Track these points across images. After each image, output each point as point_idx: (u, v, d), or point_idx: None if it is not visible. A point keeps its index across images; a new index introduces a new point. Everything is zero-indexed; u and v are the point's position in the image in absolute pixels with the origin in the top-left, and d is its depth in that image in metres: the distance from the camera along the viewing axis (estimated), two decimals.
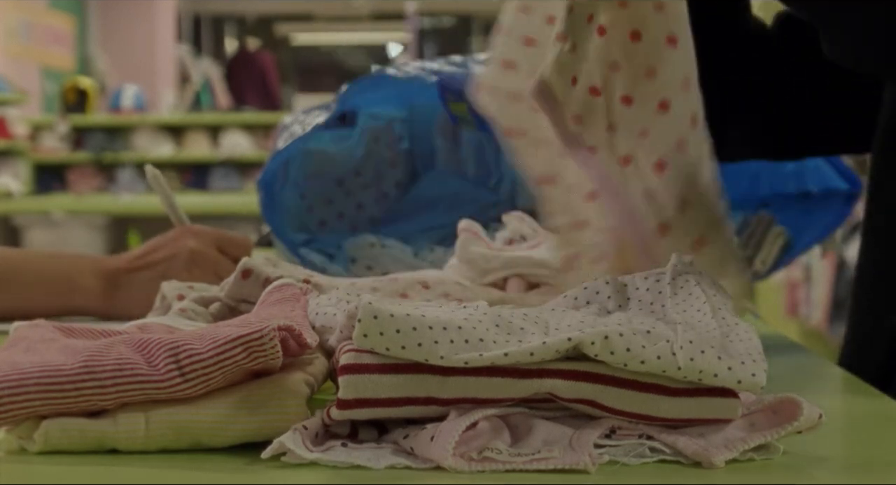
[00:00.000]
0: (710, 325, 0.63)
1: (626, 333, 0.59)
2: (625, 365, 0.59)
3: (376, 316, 0.58)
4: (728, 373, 0.60)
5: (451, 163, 1.33)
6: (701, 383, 0.60)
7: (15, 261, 1.18)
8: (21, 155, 7.69)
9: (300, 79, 14.00)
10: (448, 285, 0.92)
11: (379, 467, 0.58)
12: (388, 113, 1.34)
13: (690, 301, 0.66)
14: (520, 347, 0.58)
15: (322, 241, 1.26)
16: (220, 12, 13.53)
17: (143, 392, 0.60)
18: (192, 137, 8.13)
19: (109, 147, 8.03)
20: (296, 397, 0.61)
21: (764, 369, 0.60)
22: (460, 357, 0.58)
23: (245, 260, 0.83)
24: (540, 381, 0.59)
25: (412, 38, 10.59)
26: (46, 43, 8.96)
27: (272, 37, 13.72)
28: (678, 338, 0.60)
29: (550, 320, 0.62)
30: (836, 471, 0.60)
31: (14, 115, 7.59)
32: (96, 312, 1.16)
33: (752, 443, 0.60)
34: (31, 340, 0.65)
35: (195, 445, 0.61)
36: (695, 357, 0.59)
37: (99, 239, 6.66)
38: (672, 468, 0.59)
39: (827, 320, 4.49)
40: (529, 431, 0.60)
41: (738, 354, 0.61)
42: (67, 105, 8.28)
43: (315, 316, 0.70)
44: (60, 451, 0.60)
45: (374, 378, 0.58)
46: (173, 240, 1.18)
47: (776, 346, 1.02)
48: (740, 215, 1.17)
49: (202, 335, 0.61)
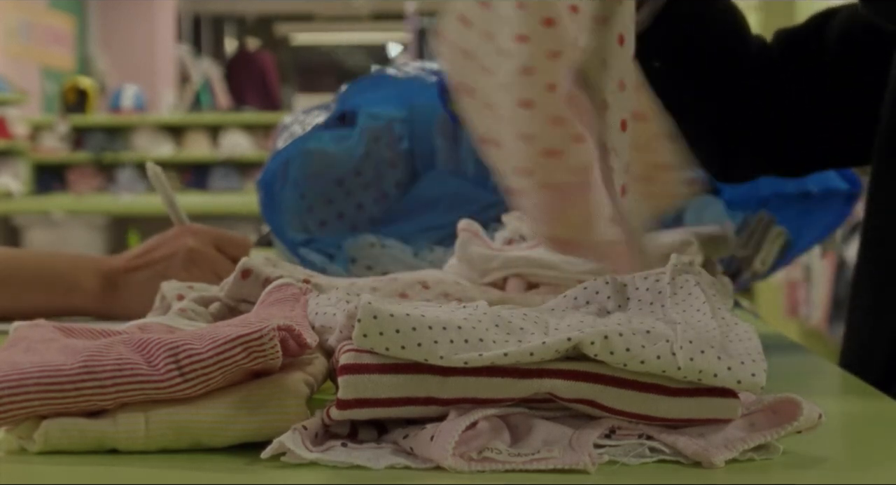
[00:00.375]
0: (710, 325, 0.63)
1: (625, 333, 0.59)
2: (624, 365, 0.59)
3: (376, 316, 0.58)
4: (728, 373, 0.60)
5: (451, 163, 1.33)
6: (700, 383, 0.60)
7: (13, 261, 1.18)
8: (21, 155, 7.69)
9: (300, 79, 14.00)
10: (447, 285, 0.92)
11: (379, 467, 0.58)
12: (388, 113, 1.34)
13: (690, 301, 0.66)
14: (519, 348, 0.58)
15: (322, 241, 1.26)
16: (220, 12, 13.52)
17: (142, 392, 0.60)
18: (192, 136, 8.13)
19: (109, 147, 8.03)
20: (296, 397, 0.61)
21: (764, 369, 0.60)
22: (460, 357, 0.58)
23: (245, 260, 0.83)
24: (540, 381, 0.59)
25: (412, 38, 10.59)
26: (46, 43, 8.96)
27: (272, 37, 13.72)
28: (678, 338, 0.60)
29: (550, 320, 0.62)
30: (836, 471, 0.60)
31: (14, 115, 7.58)
32: (95, 311, 1.16)
33: (752, 443, 0.60)
34: (31, 340, 0.65)
35: (195, 445, 0.61)
36: (694, 357, 0.59)
37: (99, 239, 6.66)
38: (672, 468, 0.59)
39: (827, 320, 4.49)
40: (529, 431, 0.60)
41: (737, 354, 0.61)
42: (67, 105, 8.27)
43: (315, 316, 0.70)
44: (60, 451, 0.60)
45: (374, 378, 0.58)
46: (172, 239, 1.18)
47: (776, 346, 1.02)
48: (740, 215, 1.17)
49: (202, 335, 0.61)
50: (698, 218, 1.18)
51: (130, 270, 1.17)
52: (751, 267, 1.11)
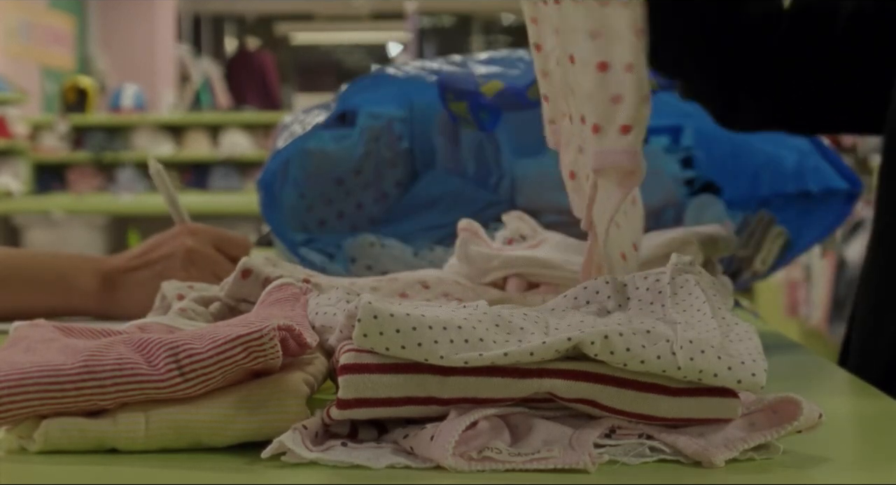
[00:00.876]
0: (710, 324, 0.63)
1: (625, 332, 0.59)
2: (624, 365, 0.59)
3: (376, 316, 0.58)
4: (728, 373, 0.60)
5: (451, 162, 1.33)
6: (701, 383, 0.60)
7: (12, 261, 1.18)
8: (21, 155, 7.69)
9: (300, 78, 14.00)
10: (448, 285, 0.92)
11: (379, 467, 0.58)
12: (388, 112, 1.34)
13: (690, 301, 0.66)
14: (520, 347, 0.58)
15: (322, 240, 1.26)
16: (220, 12, 13.52)
17: (142, 392, 0.60)
18: (192, 136, 8.13)
19: (109, 147, 8.03)
20: (296, 397, 0.61)
21: (764, 369, 0.60)
22: (460, 357, 0.58)
23: (245, 260, 0.83)
24: (540, 381, 0.59)
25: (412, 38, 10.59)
26: (46, 43, 8.96)
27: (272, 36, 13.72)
28: (678, 338, 0.60)
29: (550, 320, 0.63)
30: (836, 471, 0.60)
31: (14, 114, 7.59)
32: (94, 311, 1.16)
33: (752, 443, 0.60)
34: (31, 340, 0.65)
35: (195, 445, 0.61)
36: (695, 357, 0.59)
37: (99, 239, 6.66)
38: (672, 468, 0.59)
39: (827, 320, 4.49)
40: (529, 430, 0.60)
41: (738, 354, 0.61)
42: (67, 105, 8.28)
43: (315, 316, 0.70)
44: (60, 451, 0.60)
45: (374, 378, 0.58)
46: (171, 239, 1.18)
47: (776, 346, 1.02)
48: (740, 215, 1.17)
49: (202, 335, 0.61)
50: (698, 218, 1.18)
51: (129, 270, 1.17)
52: (751, 267, 1.11)
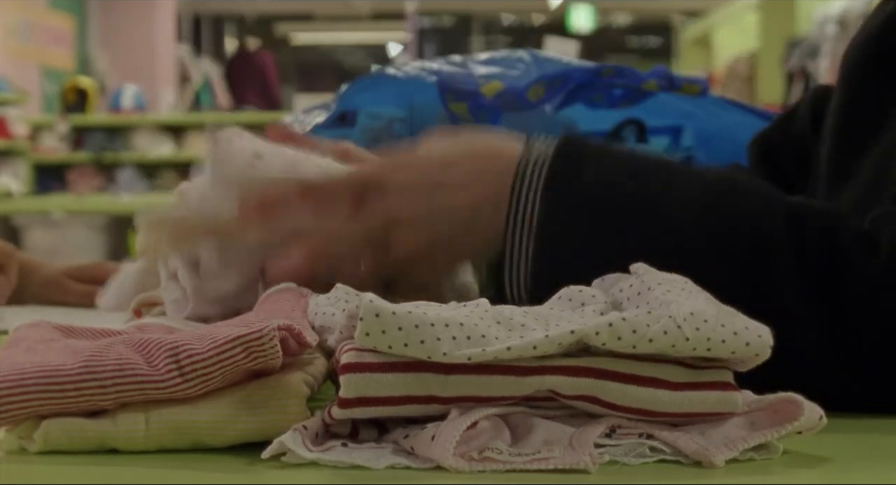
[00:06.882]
0: (701, 297, 0.63)
1: (628, 317, 0.59)
2: (633, 347, 0.59)
3: (378, 314, 0.58)
4: (734, 337, 0.59)
5: None
6: (710, 353, 0.60)
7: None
8: (21, 155, 7.69)
9: (300, 79, 14.01)
10: None
11: (379, 467, 0.58)
12: (388, 113, 1.34)
13: (673, 284, 0.66)
14: (522, 341, 0.58)
15: None
16: (219, 12, 13.53)
17: (142, 392, 0.60)
18: (192, 136, 8.13)
19: (109, 147, 8.04)
20: (296, 397, 0.61)
21: (767, 331, 0.60)
22: (463, 353, 0.58)
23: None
24: (541, 378, 0.59)
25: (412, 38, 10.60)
26: (46, 43, 8.97)
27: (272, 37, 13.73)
28: (679, 312, 0.60)
29: (551, 317, 0.62)
30: (836, 471, 0.60)
31: (14, 115, 7.59)
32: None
33: (752, 442, 0.60)
34: (31, 340, 0.65)
35: (195, 445, 0.61)
36: (700, 327, 0.59)
37: (99, 239, 6.66)
38: (672, 468, 0.59)
39: None
40: (530, 430, 0.60)
41: (738, 321, 0.61)
42: (67, 105, 8.28)
43: (315, 316, 0.70)
44: (60, 451, 0.60)
45: (376, 377, 0.58)
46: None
47: None
48: None
49: (202, 335, 0.61)
50: None
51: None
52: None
